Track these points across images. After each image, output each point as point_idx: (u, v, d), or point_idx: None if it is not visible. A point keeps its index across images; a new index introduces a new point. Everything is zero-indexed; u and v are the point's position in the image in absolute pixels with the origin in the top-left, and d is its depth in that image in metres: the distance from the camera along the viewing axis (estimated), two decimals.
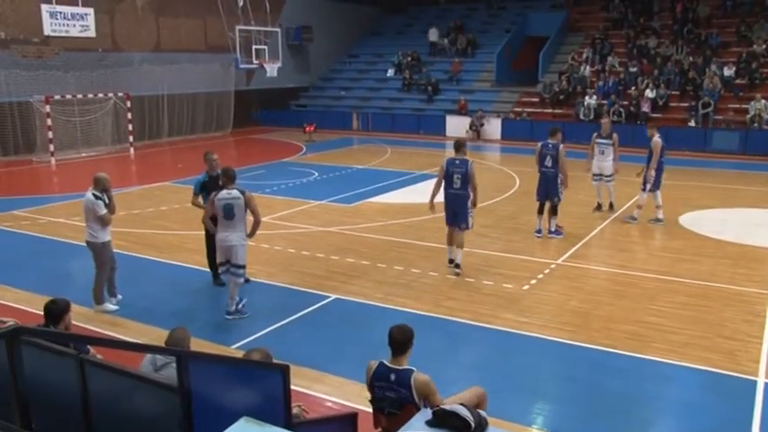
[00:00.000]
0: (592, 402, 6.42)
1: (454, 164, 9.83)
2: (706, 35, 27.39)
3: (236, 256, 8.20)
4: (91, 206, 8.47)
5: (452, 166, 9.82)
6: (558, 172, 11.58)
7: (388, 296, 9.13)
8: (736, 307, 8.77)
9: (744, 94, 24.39)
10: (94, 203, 8.46)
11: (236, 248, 8.18)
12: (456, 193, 9.83)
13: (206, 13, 27.75)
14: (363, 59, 35.22)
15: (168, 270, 10.38)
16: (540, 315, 8.49)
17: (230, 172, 8.26)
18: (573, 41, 30.77)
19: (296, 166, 20.51)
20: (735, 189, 16.82)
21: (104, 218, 8.51)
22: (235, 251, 8.18)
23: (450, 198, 9.94)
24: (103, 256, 8.67)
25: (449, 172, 9.83)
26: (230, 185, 8.15)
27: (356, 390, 6.19)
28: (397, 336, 4.70)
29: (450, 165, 9.85)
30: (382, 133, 28.67)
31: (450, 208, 9.98)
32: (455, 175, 9.78)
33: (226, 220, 8.14)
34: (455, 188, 9.82)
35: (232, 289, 8.37)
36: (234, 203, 8.07)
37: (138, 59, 25.48)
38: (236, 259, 8.20)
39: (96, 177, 8.69)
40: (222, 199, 8.10)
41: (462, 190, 9.78)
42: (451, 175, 9.81)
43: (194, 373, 3.26)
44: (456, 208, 9.90)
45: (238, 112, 29.93)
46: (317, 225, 12.99)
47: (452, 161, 9.87)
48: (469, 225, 9.95)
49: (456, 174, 9.78)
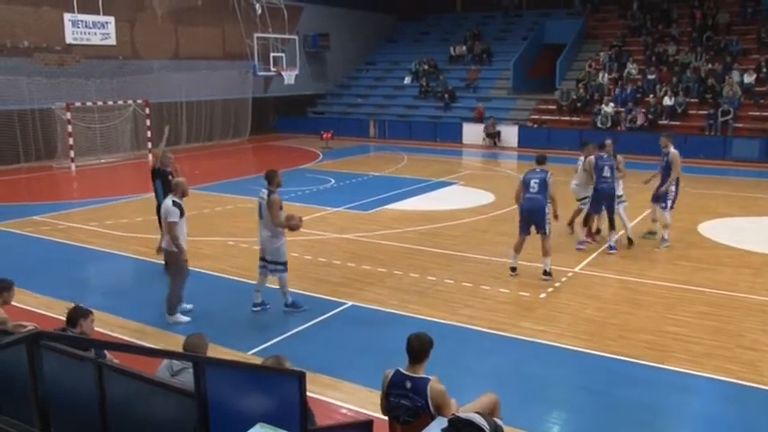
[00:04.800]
0: (608, 413, 6.36)
1: (534, 172, 10.07)
2: (726, 42, 27.17)
3: (268, 253, 8.72)
4: (164, 213, 8.39)
5: (531, 174, 10.07)
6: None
7: (404, 303, 9.12)
8: (757, 317, 8.66)
9: (764, 101, 24.15)
10: (169, 210, 8.28)
11: (265, 245, 8.71)
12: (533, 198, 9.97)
13: (224, 21, 28.00)
14: (380, 67, 35.32)
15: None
16: (557, 323, 8.44)
17: (267, 174, 8.70)
18: (590, 49, 30.65)
19: (313, 172, 20.58)
20: (755, 197, 16.64)
21: (172, 226, 8.25)
22: (263, 247, 8.76)
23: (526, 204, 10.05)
24: (178, 265, 8.51)
25: (526, 179, 10.05)
26: (268, 186, 8.61)
27: (371, 397, 6.17)
28: (415, 344, 4.69)
29: (528, 173, 10.11)
30: (399, 140, 28.69)
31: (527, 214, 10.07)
32: (532, 181, 9.97)
33: (258, 218, 8.77)
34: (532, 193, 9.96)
35: (280, 285, 8.83)
36: (261, 203, 8.64)
37: (157, 67, 25.75)
38: (269, 255, 8.71)
39: (175, 183, 8.76)
40: (258, 198, 8.78)
41: (540, 195, 9.92)
42: (528, 181, 10.01)
43: (210, 378, 3.27)
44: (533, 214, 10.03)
45: (256, 119, 30.13)
46: (333, 232, 13.01)
47: (532, 171, 10.12)
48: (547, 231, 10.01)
49: (534, 179, 9.97)
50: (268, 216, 8.54)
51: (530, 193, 9.95)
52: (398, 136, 29.34)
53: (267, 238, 8.67)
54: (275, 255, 8.70)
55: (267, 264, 8.78)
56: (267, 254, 8.74)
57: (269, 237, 8.67)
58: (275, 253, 8.69)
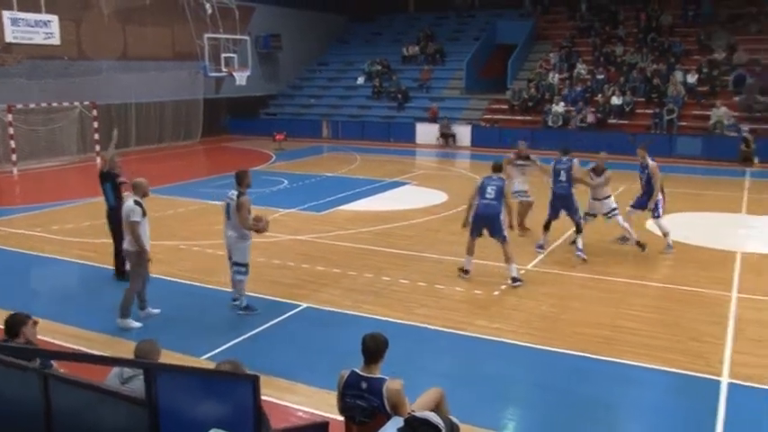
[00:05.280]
0: (563, 408, 6.45)
1: (492, 179, 10.04)
2: (669, 43, 27.92)
3: (233, 254, 8.69)
4: (126, 212, 8.31)
5: (489, 180, 10.03)
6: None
7: (359, 304, 9.10)
8: (703, 309, 8.92)
9: (706, 101, 24.90)
10: (132, 209, 8.25)
11: (231, 245, 8.69)
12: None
13: (173, 21, 27.53)
14: (333, 67, 35.22)
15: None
16: (512, 321, 8.53)
17: (237, 174, 8.78)
18: (541, 49, 31.14)
19: (266, 174, 20.38)
20: (699, 194, 17.13)
21: (135, 226, 8.24)
22: (229, 247, 8.74)
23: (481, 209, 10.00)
24: (139, 266, 8.42)
25: (483, 185, 10.01)
26: (238, 187, 8.64)
27: (328, 398, 6.13)
28: (370, 344, 4.68)
29: (486, 180, 10.06)
30: (352, 141, 28.66)
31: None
32: (489, 187, 9.92)
33: (225, 219, 8.74)
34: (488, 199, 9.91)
35: (236, 285, 8.80)
36: (230, 204, 8.63)
37: (105, 67, 25.14)
38: (234, 256, 8.70)
39: (136, 183, 8.63)
40: (226, 199, 8.74)
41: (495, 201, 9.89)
42: (485, 187, 9.95)
43: (162, 385, 3.20)
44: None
45: (207, 121, 29.72)
46: (287, 233, 12.91)
47: (490, 177, 10.09)
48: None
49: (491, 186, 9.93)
50: (236, 217, 8.50)
51: (486, 198, 9.90)
52: (352, 136, 29.31)
53: (234, 238, 8.66)
54: (239, 255, 8.68)
55: (232, 264, 8.76)
56: (233, 254, 8.72)
57: (235, 238, 8.64)
58: (239, 253, 8.67)
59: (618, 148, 24.09)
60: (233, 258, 8.73)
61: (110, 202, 10.13)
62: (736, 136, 22.78)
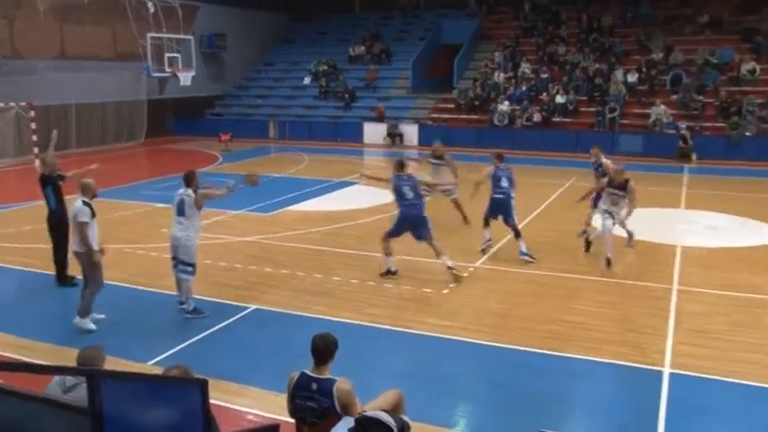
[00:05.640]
0: (513, 403, 6.53)
1: (403, 179, 10.10)
2: (609, 43, 28.59)
3: (180, 252, 8.55)
4: (75, 213, 8.12)
5: (402, 181, 10.08)
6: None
7: (309, 305, 9.04)
8: (645, 302, 9.17)
9: (645, 99, 25.61)
10: (80, 210, 8.07)
11: (178, 243, 8.54)
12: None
13: (114, 20, 26.84)
14: (279, 67, 34.94)
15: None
16: (461, 318, 8.60)
17: (186, 175, 8.85)
18: (486, 49, 31.48)
19: (212, 176, 20.03)
20: (641, 190, 17.52)
21: (83, 227, 8.05)
22: (175, 245, 8.58)
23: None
24: (92, 267, 8.21)
25: (400, 187, 10.05)
26: (186, 188, 8.64)
27: (278, 401, 6.07)
28: (319, 345, 4.65)
29: (400, 181, 10.09)
30: (299, 141, 28.50)
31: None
32: (406, 188, 9.99)
33: (175, 215, 8.61)
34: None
35: (181, 286, 8.62)
36: (185, 200, 8.55)
37: (41, 67, 24.33)
38: (182, 255, 8.55)
39: (85, 184, 8.42)
40: (177, 195, 8.64)
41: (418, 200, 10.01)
42: (401, 187, 10.01)
43: (106, 392, 3.11)
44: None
45: (152, 122, 29.08)
46: (234, 235, 12.75)
47: (401, 178, 10.14)
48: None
49: (406, 186, 10.03)
50: (190, 213, 8.47)
51: (407, 200, 9.98)
52: (299, 137, 29.15)
53: (182, 236, 8.51)
54: (188, 254, 8.55)
55: (177, 263, 8.59)
56: (180, 253, 8.54)
57: (184, 236, 8.50)
58: (188, 252, 8.54)
59: (563, 146, 24.76)
60: (179, 257, 8.55)
61: (51, 206, 9.85)
62: (674, 133, 23.49)
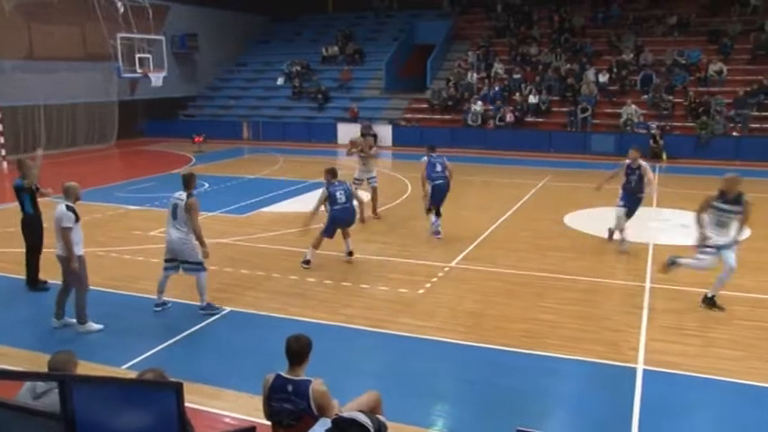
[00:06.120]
0: (489, 402, 6.56)
1: (335, 185, 10.74)
2: (581, 44, 28.89)
3: (180, 254, 8.60)
4: (58, 218, 7.96)
5: (335, 187, 10.74)
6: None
7: (284, 306, 9.02)
8: (617, 299, 9.29)
9: (617, 99, 25.92)
10: (64, 215, 7.94)
11: (176, 246, 8.58)
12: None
13: (84, 20, 26.45)
14: (252, 68, 34.76)
15: (51, 291, 9.78)
16: (436, 318, 8.63)
17: (184, 176, 8.76)
18: (459, 49, 31.61)
19: None
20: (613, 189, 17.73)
21: (66, 233, 7.93)
22: (172, 248, 8.63)
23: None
24: (77, 272, 8.09)
25: (333, 193, 10.70)
26: (185, 189, 8.61)
27: (254, 403, 6.03)
28: (294, 346, 4.64)
29: (332, 187, 10.74)
30: (273, 142, 28.38)
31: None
32: (338, 192, 10.69)
33: (171, 219, 8.59)
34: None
35: (198, 285, 8.74)
36: (179, 204, 8.52)
37: (8, 67, 23.94)
38: (186, 257, 8.60)
39: (67, 187, 8.28)
40: (172, 199, 8.64)
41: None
42: (335, 193, 10.69)
43: (79, 397, 3.07)
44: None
45: (123, 124, 28.77)
46: (209, 237, 12.54)
47: (333, 184, 10.76)
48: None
49: (339, 191, 10.74)
50: (184, 217, 8.42)
51: (339, 204, 10.62)
52: (273, 138, 29.03)
53: (179, 239, 8.53)
54: (191, 255, 8.58)
55: (182, 264, 8.67)
56: (179, 255, 8.60)
57: (181, 238, 8.51)
58: (191, 253, 8.58)
59: (536, 145, 24.97)
60: (186, 259, 8.61)
61: (26, 210, 9.68)
62: (645, 133, 23.79)
